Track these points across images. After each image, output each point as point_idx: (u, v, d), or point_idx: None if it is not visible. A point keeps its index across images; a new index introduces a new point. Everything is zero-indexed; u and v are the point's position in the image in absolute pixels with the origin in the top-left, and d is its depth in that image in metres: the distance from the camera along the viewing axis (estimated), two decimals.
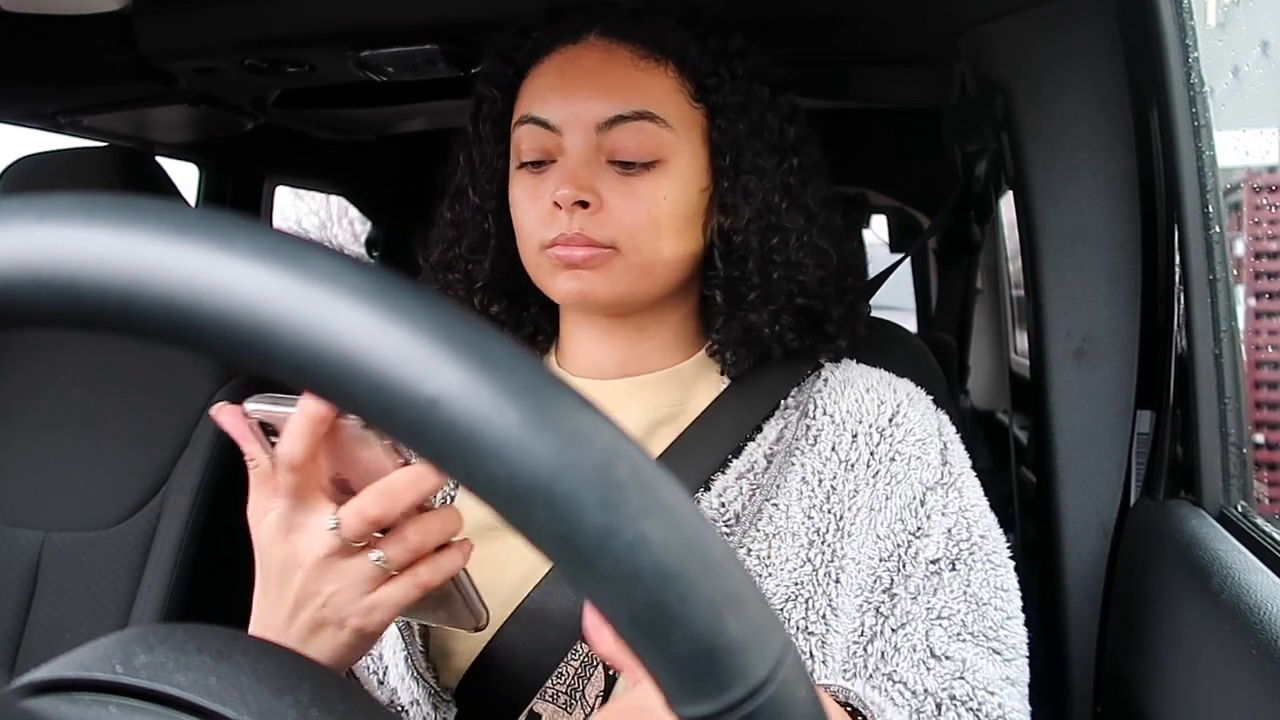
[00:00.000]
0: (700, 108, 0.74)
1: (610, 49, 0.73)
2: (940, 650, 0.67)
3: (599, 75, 0.72)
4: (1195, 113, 0.84)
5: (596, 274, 0.71)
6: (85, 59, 1.23)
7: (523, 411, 0.21)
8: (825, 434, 0.74)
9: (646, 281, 0.73)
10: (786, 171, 0.75)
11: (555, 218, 0.70)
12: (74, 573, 1.36)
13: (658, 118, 0.71)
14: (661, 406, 0.77)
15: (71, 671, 0.32)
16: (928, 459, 0.72)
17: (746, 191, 0.74)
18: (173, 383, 1.41)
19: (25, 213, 0.22)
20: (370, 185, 2.46)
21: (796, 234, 0.75)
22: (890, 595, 0.69)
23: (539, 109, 0.73)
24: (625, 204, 0.71)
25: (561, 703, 0.70)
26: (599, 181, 0.71)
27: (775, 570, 0.69)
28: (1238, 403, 0.85)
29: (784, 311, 0.75)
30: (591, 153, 0.71)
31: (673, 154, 0.72)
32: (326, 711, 0.33)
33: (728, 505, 0.72)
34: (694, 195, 0.73)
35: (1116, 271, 0.95)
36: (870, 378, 0.77)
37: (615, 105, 0.71)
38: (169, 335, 0.21)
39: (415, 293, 0.22)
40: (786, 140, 0.76)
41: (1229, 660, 0.68)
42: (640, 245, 0.71)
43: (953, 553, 0.70)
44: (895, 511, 0.70)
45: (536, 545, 0.21)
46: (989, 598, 0.69)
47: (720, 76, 0.74)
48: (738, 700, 0.22)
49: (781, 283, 0.75)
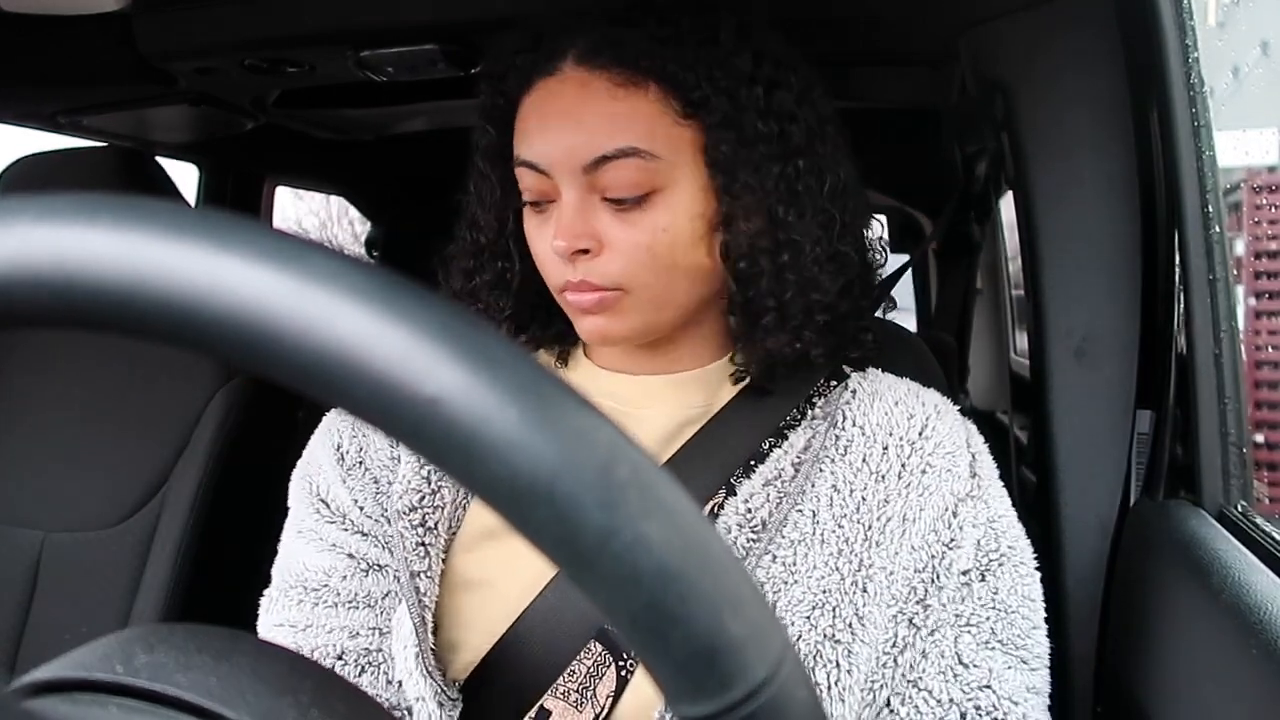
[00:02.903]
0: (689, 123, 0.69)
1: (586, 81, 0.69)
2: (968, 658, 0.68)
3: (576, 114, 0.69)
4: (1195, 113, 0.84)
5: (609, 316, 0.70)
6: (85, 59, 1.23)
7: (523, 411, 0.21)
8: (855, 445, 0.73)
9: (663, 313, 0.72)
10: (791, 178, 0.71)
11: (560, 264, 0.70)
12: (74, 572, 1.37)
13: (643, 152, 0.67)
14: (688, 406, 0.77)
15: (72, 672, 0.32)
16: (958, 470, 0.72)
17: (746, 209, 0.70)
18: (173, 383, 1.41)
19: (25, 212, 0.22)
20: (370, 185, 2.46)
21: (810, 244, 0.71)
22: (924, 606, 0.69)
23: (527, 152, 0.70)
24: (625, 243, 0.69)
25: (572, 700, 0.70)
26: (597, 223, 0.69)
27: (802, 578, 0.68)
28: (1238, 403, 0.85)
29: (805, 329, 0.72)
30: (584, 194, 0.69)
31: (666, 182, 0.68)
32: (327, 712, 0.32)
33: (754, 511, 0.71)
34: (697, 218, 0.70)
35: (1116, 271, 0.95)
36: (899, 390, 0.77)
37: (598, 145, 0.67)
38: (169, 336, 0.21)
39: (415, 293, 0.22)
40: (788, 144, 0.71)
41: (1229, 660, 0.68)
42: (647, 282, 0.69)
43: (982, 563, 0.70)
44: (929, 523, 0.70)
45: (537, 545, 0.21)
46: (1017, 605, 0.70)
47: (703, 89, 0.69)
48: (738, 700, 0.22)
49: (797, 300, 0.71)
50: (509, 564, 0.73)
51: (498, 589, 0.74)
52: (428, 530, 0.74)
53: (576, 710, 0.70)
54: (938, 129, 1.55)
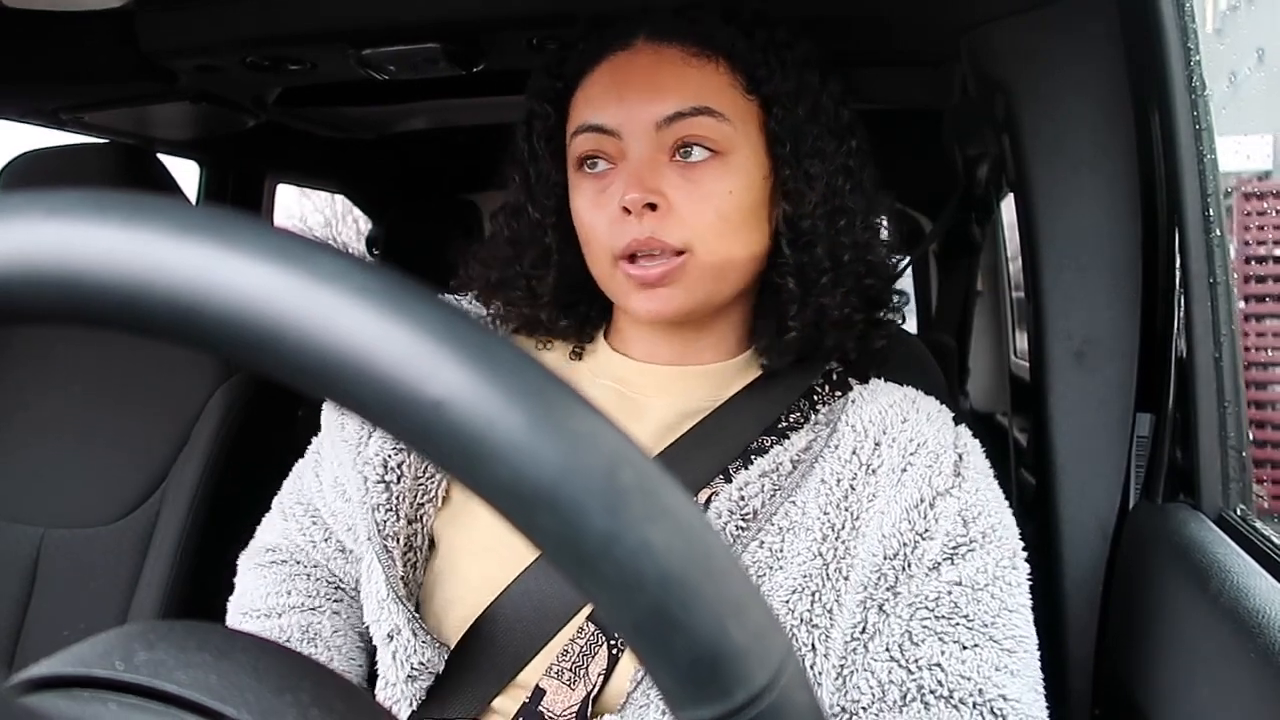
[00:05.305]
0: (754, 99, 0.74)
1: (660, 50, 0.74)
2: (918, 638, 0.67)
3: (653, 75, 0.73)
4: (1196, 115, 0.84)
5: (672, 289, 0.72)
6: (87, 56, 1.23)
7: (528, 415, 0.21)
8: (847, 439, 0.74)
9: (720, 284, 0.74)
10: (846, 154, 0.77)
11: (625, 223, 0.71)
12: (73, 569, 1.37)
13: (716, 112, 0.72)
14: (696, 399, 0.79)
15: (71, 668, 0.32)
16: (940, 467, 0.72)
17: (810, 177, 0.74)
18: (173, 380, 1.41)
19: (32, 208, 0.22)
20: (371, 183, 2.46)
21: (861, 215, 0.77)
22: (894, 593, 0.69)
23: (595, 115, 0.73)
24: (692, 203, 0.71)
25: (566, 679, 0.71)
26: (664, 182, 0.71)
27: (786, 563, 0.69)
28: (1237, 406, 0.85)
29: (853, 293, 0.77)
30: (653, 153, 0.72)
31: (733, 147, 0.72)
32: (326, 711, 0.32)
33: (747, 500, 0.72)
34: (757, 187, 0.74)
35: (1117, 274, 0.95)
36: (895, 395, 0.78)
37: (672, 103, 0.71)
38: (174, 334, 0.21)
39: (421, 295, 0.22)
40: (842, 123, 0.77)
41: (1227, 663, 0.68)
42: (711, 245, 0.72)
43: (950, 549, 0.70)
44: (903, 511, 0.70)
45: (540, 548, 0.21)
46: (986, 584, 0.69)
47: (770, 66, 0.74)
48: (739, 706, 0.22)
49: (852, 264, 0.76)
50: (501, 532, 0.74)
51: (497, 553, 0.76)
52: (389, 470, 0.77)
53: (570, 688, 0.71)
54: (938, 130, 1.55)
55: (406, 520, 0.77)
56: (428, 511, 0.78)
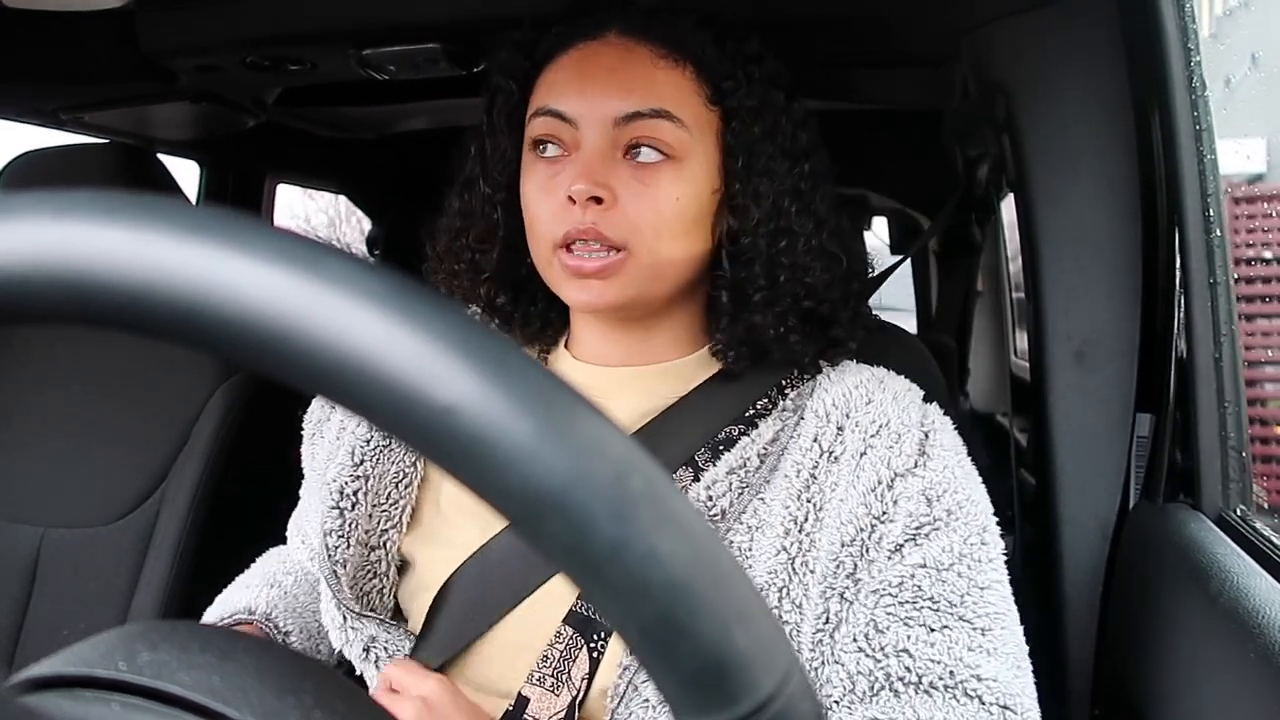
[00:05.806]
0: (716, 110, 0.74)
1: (630, 47, 0.74)
2: (884, 624, 0.65)
3: (618, 71, 0.73)
4: (1197, 116, 0.84)
5: (606, 283, 0.72)
6: (87, 56, 1.23)
7: (538, 422, 0.21)
8: (809, 426, 0.74)
9: (656, 284, 0.74)
10: (798, 176, 0.76)
11: (569, 212, 0.71)
12: (72, 568, 1.36)
13: (675, 117, 0.72)
14: (658, 396, 0.78)
15: (74, 668, 0.32)
16: (902, 448, 0.70)
17: (757, 194, 0.74)
18: (173, 380, 1.41)
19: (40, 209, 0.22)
20: (371, 184, 2.46)
21: (804, 238, 0.76)
22: (854, 580, 0.67)
23: (556, 101, 0.73)
24: (638, 202, 0.71)
25: (549, 685, 0.71)
26: (614, 178, 0.71)
27: (754, 562, 0.69)
28: (1237, 406, 0.85)
29: (789, 314, 0.76)
30: (608, 148, 0.72)
31: (687, 154, 0.73)
32: (329, 712, 0.33)
33: (715, 500, 0.72)
34: (705, 196, 0.74)
35: (1117, 274, 0.95)
36: (861, 375, 0.77)
37: (633, 102, 0.71)
38: (181, 336, 0.21)
39: (431, 299, 0.22)
40: (799, 146, 0.77)
41: (1227, 664, 0.68)
42: (651, 246, 0.72)
43: (912, 530, 0.67)
44: (860, 496, 0.69)
45: (548, 555, 0.21)
46: (951, 564, 0.66)
47: (737, 79, 0.74)
48: (745, 714, 0.22)
49: (787, 285, 0.76)
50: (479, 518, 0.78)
51: (458, 542, 0.77)
52: (344, 497, 0.79)
53: (554, 695, 0.71)
54: (939, 131, 1.55)
55: (363, 545, 0.79)
56: (391, 537, 0.80)
